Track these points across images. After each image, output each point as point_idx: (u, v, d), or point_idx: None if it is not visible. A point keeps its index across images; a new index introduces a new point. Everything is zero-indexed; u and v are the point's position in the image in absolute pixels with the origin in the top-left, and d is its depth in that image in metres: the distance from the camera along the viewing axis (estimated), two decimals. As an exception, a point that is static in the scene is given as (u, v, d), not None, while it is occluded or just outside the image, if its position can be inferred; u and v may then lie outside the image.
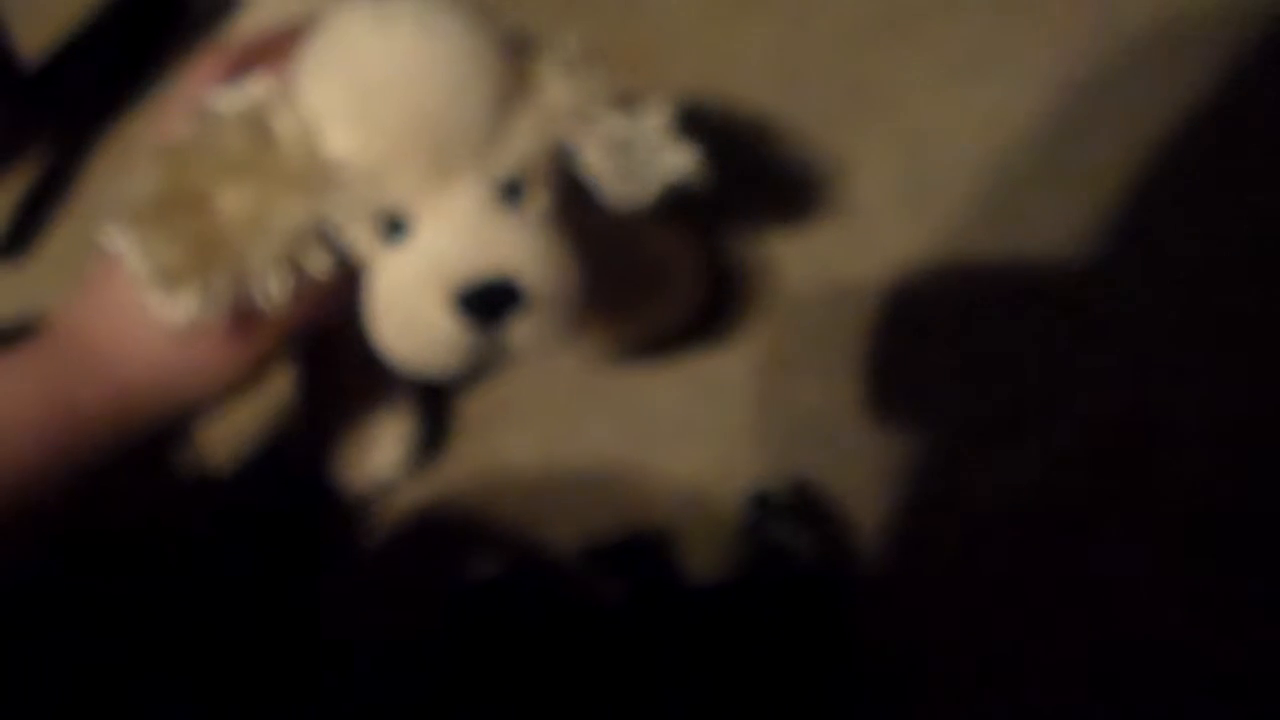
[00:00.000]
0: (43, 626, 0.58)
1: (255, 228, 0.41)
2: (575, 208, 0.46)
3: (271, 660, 0.61)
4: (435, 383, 0.66)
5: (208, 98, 0.43)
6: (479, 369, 0.46)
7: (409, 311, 0.43)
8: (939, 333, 0.65)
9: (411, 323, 0.43)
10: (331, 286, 0.44)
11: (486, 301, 0.42)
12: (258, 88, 0.43)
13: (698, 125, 0.47)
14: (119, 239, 0.40)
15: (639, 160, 0.46)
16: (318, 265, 0.43)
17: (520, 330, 0.44)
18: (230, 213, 0.41)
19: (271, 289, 0.42)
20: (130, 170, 0.46)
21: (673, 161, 0.47)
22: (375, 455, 0.64)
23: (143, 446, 0.48)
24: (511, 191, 0.44)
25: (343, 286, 0.45)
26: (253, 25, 0.58)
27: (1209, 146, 0.66)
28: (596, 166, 0.46)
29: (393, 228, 0.43)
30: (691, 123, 0.47)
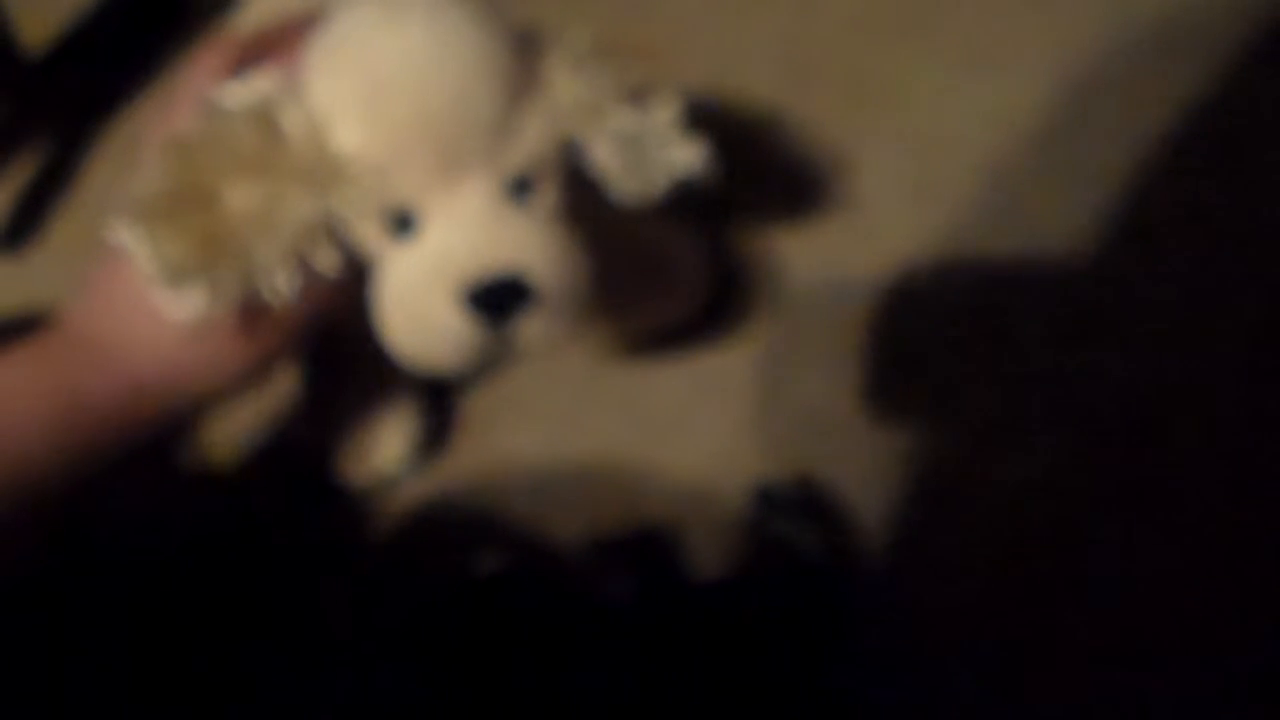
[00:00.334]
0: (42, 625, 0.58)
1: (263, 224, 0.41)
2: (582, 203, 0.46)
3: (275, 657, 0.61)
4: (441, 379, 0.66)
5: (215, 93, 0.43)
6: (486, 365, 0.46)
7: (417, 308, 0.43)
8: (942, 329, 0.66)
9: (420, 320, 0.43)
10: (339, 283, 0.44)
11: (495, 298, 0.42)
12: (265, 83, 0.43)
13: (704, 120, 0.47)
14: (127, 234, 0.40)
15: (647, 156, 0.46)
16: (326, 262, 0.42)
17: (529, 327, 0.44)
18: (238, 208, 0.41)
19: (279, 285, 0.42)
20: (135, 164, 0.46)
21: (681, 157, 0.46)
22: (380, 450, 0.64)
23: (149, 441, 0.48)
24: (520, 188, 0.43)
25: (350, 283, 0.45)
26: (255, 17, 0.57)
27: (1211, 144, 0.67)
28: (605, 162, 0.46)
29: (401, 224, 0.43)
30: (698, 118, 0.47)
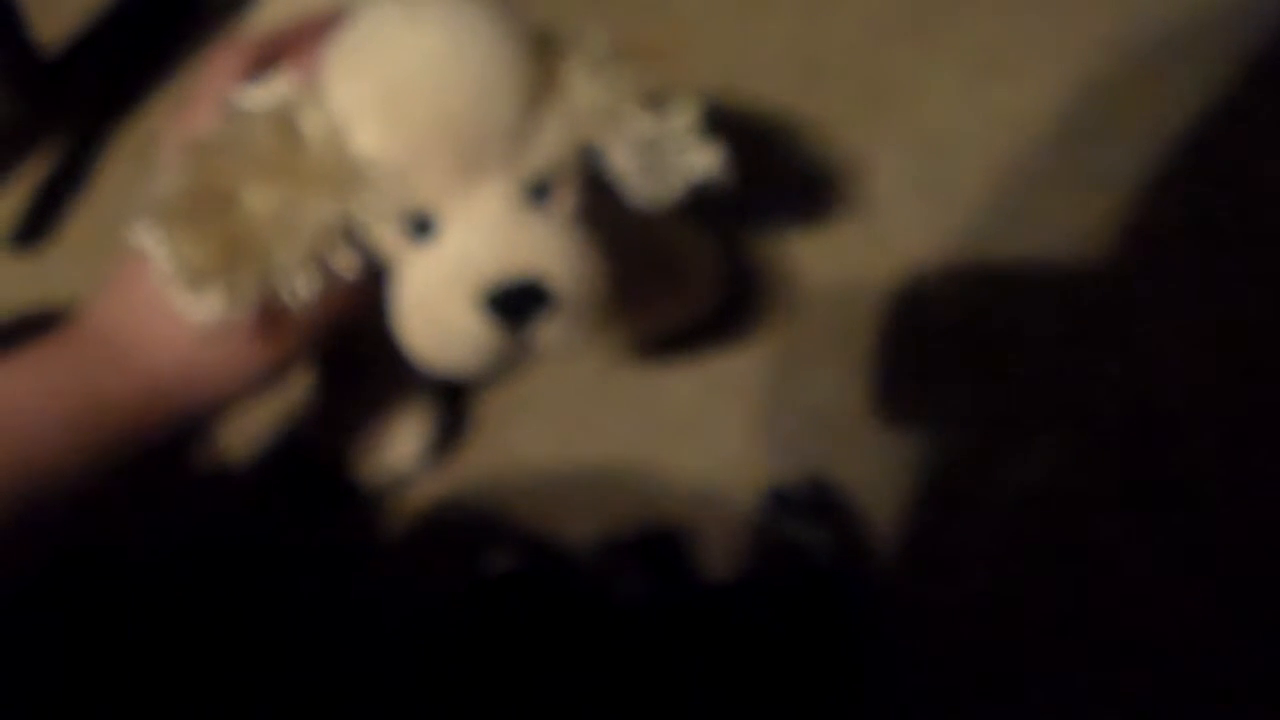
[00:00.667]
0: (51, 626, 0.58)
1: (282, 227, 0.41)
2: (599, 205, 0.46)
3: (287, 656, 0.61)
4: (456, 380, 0.66)
5: (234, 95, 0.43)
6: (503, 368, 0.46)
7: (436, 312, 0.43)
8: (953, 331, 0.66)
9: (438, 323, 0.43)
10: (357, 285, 0.44)
11: (514, 302, 0.42)
12: (284, 85, 0.43)
13: (717, 123, 0.47)
14: (146, 237, 0.40)
15: (665, 160, 0.46)
16: (344, 265, 0.43)
17: (547, 331, 0.44)
18: (257, 211, 0.41)
19: (298, 288, 0.42)
20: (152, 163, 0.46)
21: (698, 161, 0.46)
22: (393, 450, 0.64)
23: (165, 442, 0.48)
24: (539, 192, 0.44)
25: (368, 285, 0.45)
26: (271, 16, 0.57)
27: (1219, 149, 0.67)
28: (623, 166, 0.46)
29: (420, 228, 0.43)
30: (712, 121, 0.47)
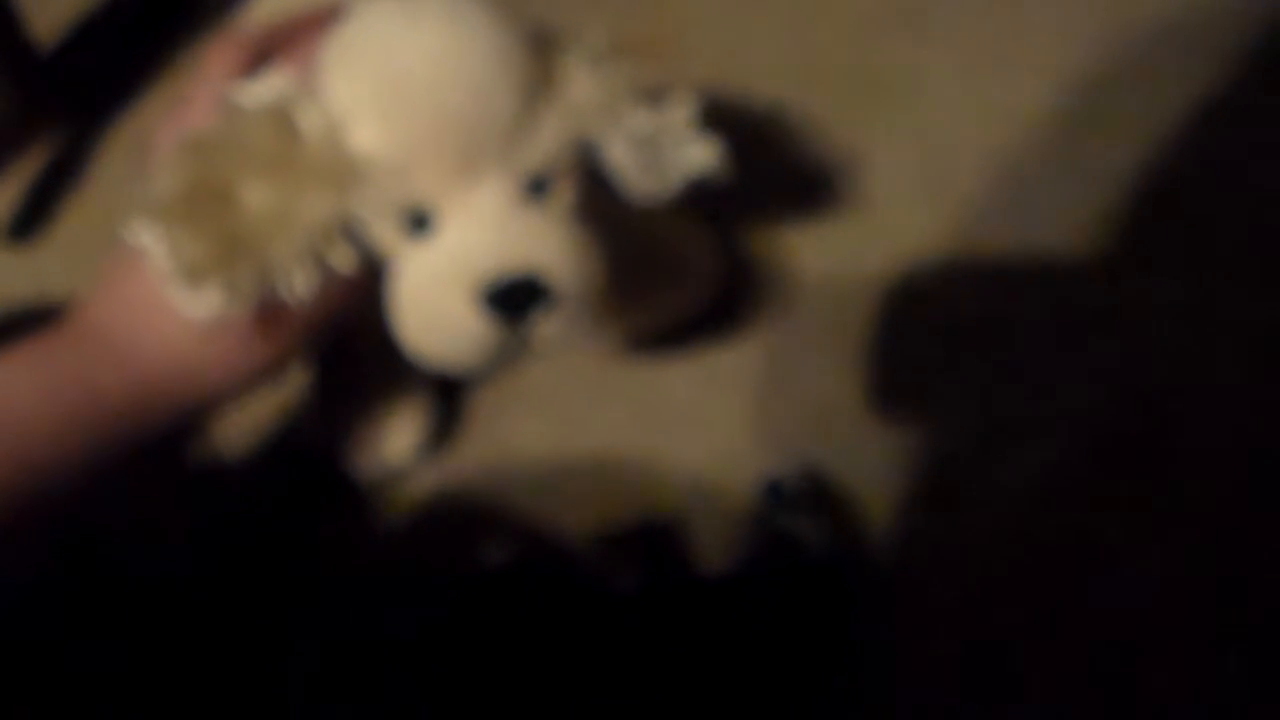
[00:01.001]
0: (47, 623, 0.58)
1: (280, 223, 0.41)
2: (597, 200, 0.46)
3: (283, 648, 0.61)
4: (453, 375, 0.66)
5: (231, 91, 0.43)
6: (501, 364, 0.46)
7: (434, 308, 0.43)
8: (949, 326, 0.66)
9: (436, 319, 0.43)
10: (355, 281, 0.44)
11: (512, 298, 0.42)
12: (281, 81, 0.43)
13: (714, 118, 0.47)
14: (144, 234, 0.40)
15: (662, 155, 0.46)
16: (342, 261, 0.42)
17: (545, 326, 0.44)
18: (255, 208, 0.41)
19: (296, 285, 0.42)
20: (146, 158, 0.46)
21: (696, 156, 0.47)
22: (390, 443, 0.64)
23: (161, 437, 0.48)
24: (537, 187, 0.44)
25: (366, 281, 0.45)
26: (266, 12, 0.57)
27: (1218, 144, 0.67)
28: (620, 161, 0.46)
29: (418, 223, 0.43)
30: (709, 116, 0.47)
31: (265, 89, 0.42)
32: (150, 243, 0.40)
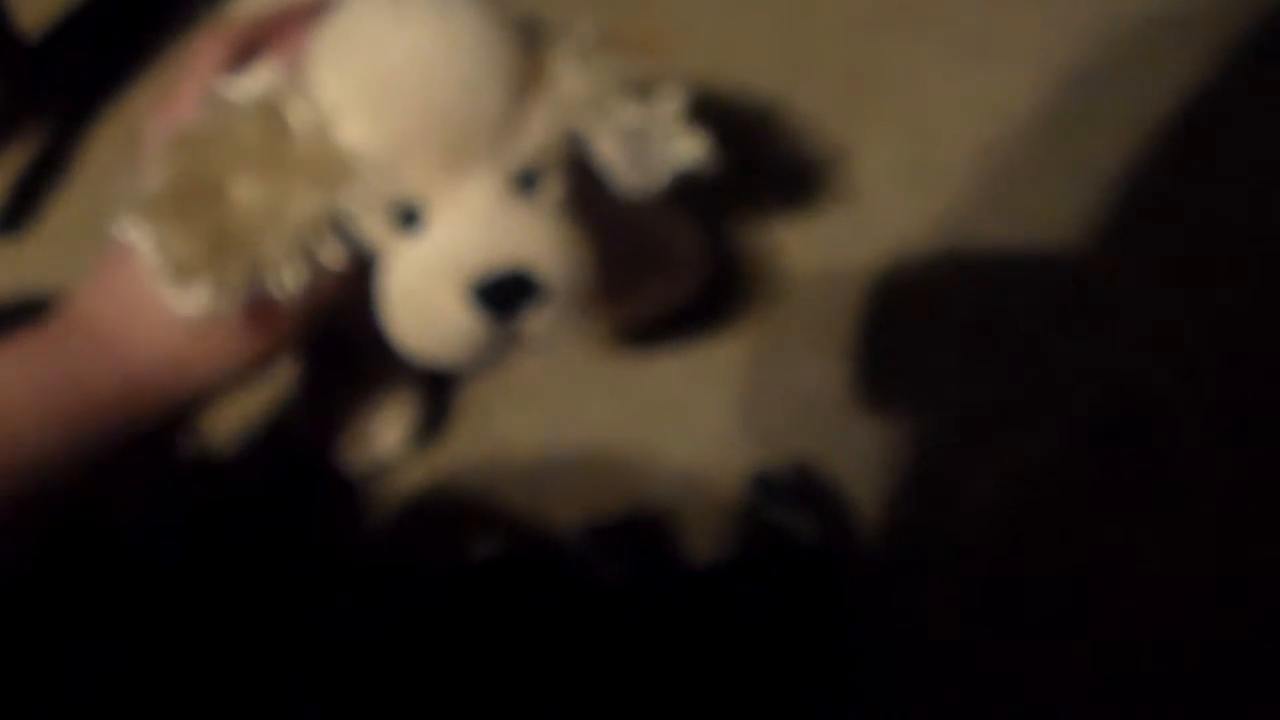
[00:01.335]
0: (38, 619, 0.58)
1: (270, 219, 0.41)
2: (585, 193, 0.46)
3: (273, 643, 0.61)
4: (443, 370, 0.66)
5: (219, 86, 0.43)
6: (491, 358, 0.46)
7: (424, 303, 0.43)
8: (939, 318, 0.66)
9: (426, 314, 0.43)
10: (344, 276, 0.44)
11: (502, 293, 0.42)
12: (269, 75, 0.42)
13: (704, 111, 0.47)
14: (133, 232, 0.40)
15: (651, 148, 0.46)
16: (332, 257, 0.42)
17: (535, 321, 0.44)
18: (245, 204, 0.40)
19: (285, 280, 0.42)
20: (135, 150, 0.46)
21: (684, 149, 0.46)
22: (379, 437, 0.64)
23: (150, 432, 0.48)
24: (526, 182, 0.43)
25: (355, 275, 0.45)
26: (254, 4, 0.57)
27: (1207, 135, 0.67)
28: (609, 155, 0.46)
29: (407, 219, 0.43)
30: (699, 109, 0.47)
31: (253, 84, 0.42)
32: (140, 240, 0.40)
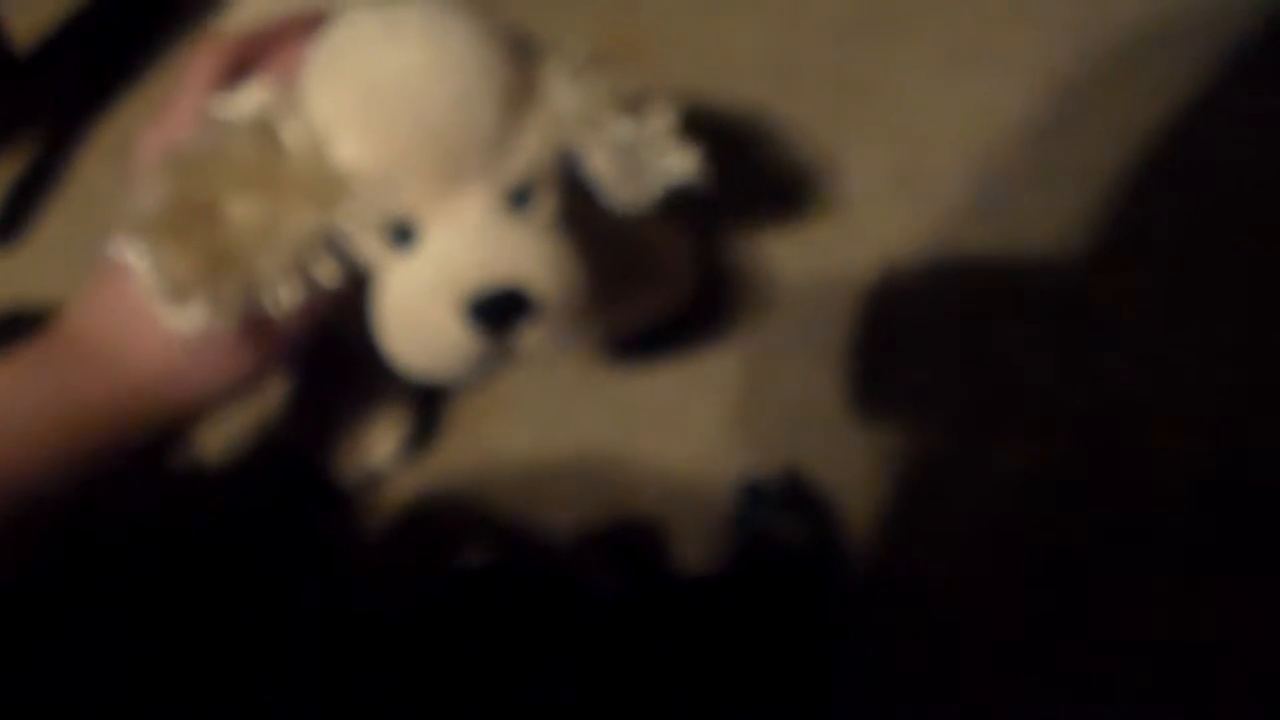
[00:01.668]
0: (36, 628, 0.58)
1: (265, 237, 0.41)
2: (578, 208, 0.47)
3: (265, 652, 0.61)
4: (438, 384, 0.66)
5: (212, 104, 0.43)
6: (484, 373, 0.46)
7: (418, 320, 0.43)
8: (929, 326, 0.66)
9: (421, 331, 0.43)
10: (339, 292, 0.44)
11: (497, 310, 0.42)
12: (263, 93, 0.42)
13: (694, 124, 0.47)
14: (129, 251, 0.40)
15: (643, 163, 0.46)
16: (326, 274, 0.43)
17: (529, 336, 0.44)
18: (240, 222, 0.41)
19: (281, 298, 0.42)
20: (126, 162, 0.46)
21: (676, 164, 0.47)
22: (372, 448, 0.64)
23: (146, 447, 0.48)
24: (520, 198, 0.44)
25: (350, 292, 0.45)
26: (247, 17, 0.57)
27: (1198, 141, 0.67)
28: (601, 170, 0.46)
29: (401, 236, 0.43)
30: (687, 122, 0.47)
31: (247, 102, 0.42)
32: (136, 259, 0.40)
